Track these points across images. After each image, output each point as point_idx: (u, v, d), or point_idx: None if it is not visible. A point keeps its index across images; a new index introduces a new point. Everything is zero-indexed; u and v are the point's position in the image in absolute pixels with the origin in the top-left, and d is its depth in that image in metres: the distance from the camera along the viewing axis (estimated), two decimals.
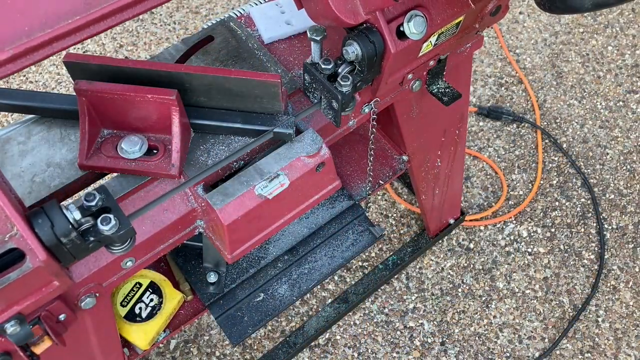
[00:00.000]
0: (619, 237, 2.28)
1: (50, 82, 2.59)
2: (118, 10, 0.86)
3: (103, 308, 1.24)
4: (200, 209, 1.20)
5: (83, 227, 0.94)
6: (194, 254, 1.66)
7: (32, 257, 0.88)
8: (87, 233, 0.95)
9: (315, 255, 1.73)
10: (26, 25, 0.81)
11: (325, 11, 1.09)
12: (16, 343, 0.98)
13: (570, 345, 2.07)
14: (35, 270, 0.89)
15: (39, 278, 0.93)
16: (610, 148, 2.48)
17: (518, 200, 2.35)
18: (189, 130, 1.20)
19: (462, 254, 2.23)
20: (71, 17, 0.83)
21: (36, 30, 0.81)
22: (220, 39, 1.37)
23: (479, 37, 1.47)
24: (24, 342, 0.98)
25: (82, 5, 0.83)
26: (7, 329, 0.95)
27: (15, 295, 0.93)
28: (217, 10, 2.82)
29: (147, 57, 2.67)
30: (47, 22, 0.82)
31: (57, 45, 0.84)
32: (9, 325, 0.95)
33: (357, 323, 2.09)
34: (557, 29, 2.81)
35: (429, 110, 1.58)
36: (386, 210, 2.31)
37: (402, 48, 1.17)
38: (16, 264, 0.88)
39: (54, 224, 0.89)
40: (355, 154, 1.88)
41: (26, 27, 0.81)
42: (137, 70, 1.13)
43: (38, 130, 1.22)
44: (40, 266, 0.89)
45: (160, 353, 2.00)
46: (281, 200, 1.20)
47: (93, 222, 0.95)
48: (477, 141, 2.48)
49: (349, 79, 1.18)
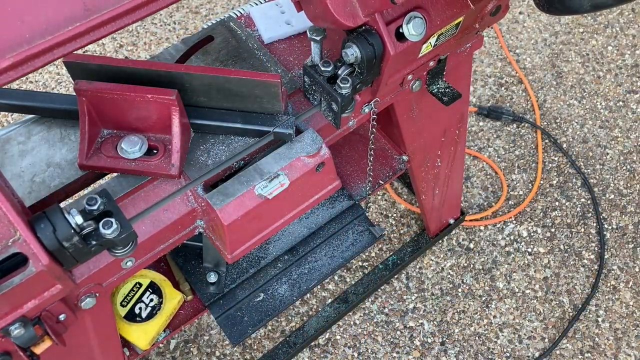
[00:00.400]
0: (619, 237, 2.28)
1: (50, 82, 2.59)
2: (118, 16, 0.86)
3: (103, 308, 1.24)
4: (200, 209, 1.20)
5: (85, 231, 0.95)
6: (194, 254, 1.66)
7: (35, 261, 0.89)
8: (89, 237, 0.96)
9: (315, 255, 1.73)
10: (27, 32, 0.81)
11: (324, 14, 1.09)
12: (21, 345, 0.99)
13: (570, 345, 2.07)
14: (38, 274, 0.90)
15: (42, 282, 0.94)
16: (610, 148, 2.48)
17: (518, 200, 2.35)
18: (189, 130, 1.20)
19: (462, 254, 2.23)
20: (71, 24, 0.83)
21: (37, 38, 0.82)
22: (220, 39, 1.37)
23: (479, 37, 1.47)
24: (28, 344, 0.99)
25: (82, 12, 0.84)
26: (12, 331, 0.96)
27: (19, 298, 0.94)
28: (217, 10, 2.83)
29: (147, 57, 2.67)
30: (48, 29, 0.82)
31: (58, 52, 0.84)
32: (13, 327, 0.96)
33: (357, 323, 2.09)
34: (557, 29, 2.81)
35: (429, 110, 1.58)
36: (386, 210, 2.31)
37: (402, 50, 1.17)
38: (19, 268, 0.89)
39: (56, 228, 0.90)
40: (355, 154, 1.88)
41: (27, 34, 0.81)
42: (137, 70, 1.13)
43: (38, 130, 1.22)
44: (43, 270, 0.90)
45: (160, 353, 2.01)
46: (281, 200, 1.20)
47: (95, 226, 0.96)
48: (477, 141, 2.48)
49: (348, 81, 1.17)
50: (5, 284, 0.88)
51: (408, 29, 1.15)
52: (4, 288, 0.88)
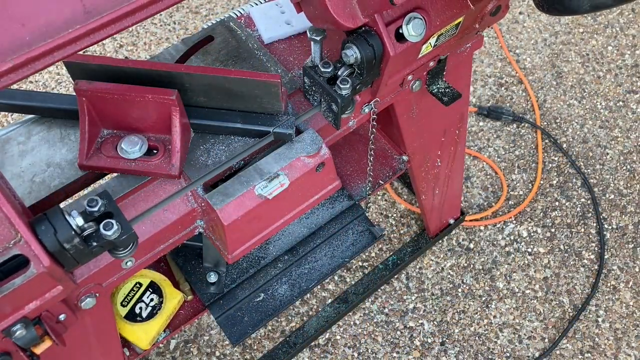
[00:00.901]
0: (619, 237, 2.28)
1: (50, 82, 2.59)
2: (117, 19, 0.86)
3: (103, 308, 1.24)
4: (200, 209, 1.20)
5: (86, 233, 0.96)
6: (194, 254, 1.66)
7: (36, 263, 0.90)
8: (90, 238, 0.96)
9: (315, 255, 1.73)
10: (27, 35, 0.81)
11: (324, 15, 1.09)
12: (23, 346, 0.99)
13: (570, 345, 2.07)
14: (39, 275, 0.91)
15: (43, 283, 0.94)
16: (610, 148, 2.48)
17: (518, 200, 2.35)
18: (189, 130, 1.20)
19: (462, 254, 2.23)
20: (71, 27, 0.84)
21: (37, 40, 0.82)
22: (220, 39, 1.37)
23: (479, 37, 1.47)
24: (30, 345, 1.00)
25: (81, 15, 0.84)
26: (14, 332, 0.97)
27: (21, 299, 0.95)
28: (217, 10, 2.83)
29: (147, 57, 2.67)
30: (48, 32, 0.82)
31: (58, 55, 0.85)
32: (15, 328, 0.97)
33: (357, 323, 2.09)
34: (557, 29, 2.81)
35: (429, 110, 1.58)
36: (386, 210, 2.31)
37: (401, 50, 1.17)
38: (21, 270, 0.90)
39: (57, 230, 0.91)
40: (355, 154, 1.88)
41: (27, 37, 0.81)
42: (137, 70, 1.13)
43: (38, 130, 1.22)
44: (44, 272, 0.91)
45: (160, 353, 2.01)
46: (281, 200, 1.20)
47: (96, 227, 0.96)
48: (477, 141, 2.48)
49: (348, 82, 1.17)
50: (6, 285, 0.89)
51: (408, 30, 1.15)
52: (5, 289, 0.89)
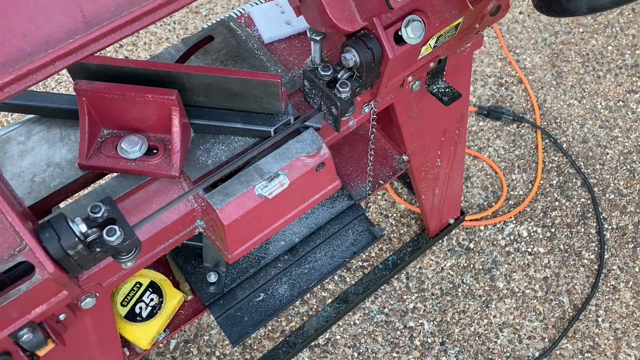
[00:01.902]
0: (619, 237, 2.28)
1: (50, 82, 2.59)
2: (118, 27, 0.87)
3: (103, 308, 1.24)
4: (200, 208, 1.20)
5: (89, 239, 0.97)
6: (194, 254, 1.66)
7: (41, 269, 0.91)
8: (94, 244, 0.98)
9: (315, 255, 1.73)
10: (28, 46, 0.82)
11: (323, 19, 1.09)
12: (30, 350, 1.01)
13: (570, 345, 2.07)
14: (44, 282, 0.92)
15: (48, 289, 0.96)
16: (610, 148, 2.48)
17: (518, 200, 2.35)
18: (189, 130, 1.20)
19: (462, 253, 2.23)
20: (72, 37, 0.84)
21: (38, 51, 0.83)
22: (220, 39, 1.37)
23: (479, 37, 1.47)
24: (37, 348, 1.01)
25: (82, 25, 0.84)
26: (21, 336, 0.98)
27: (27, 305, 0.96)
28: (217, 10, 2.83)
29: (147, 57, 2.67)
30: (49, 43, 0.83)
31: (60, 64, 0.85)
32: (22, 333, 0.98)
33: (357, 323, 2.10)
34: (557, 29, 2.81)
35: (429, 110, 1.58)
36: (386, 210, 2.31)
37: (400, 53, 1.17)
38: (26, 277, 0.92)
39: (60, 237, 0.93)
40: (355, 154, 1.88)
41: (29, 48, 0.82)
42: (137, 70, 1.14)
43: (38, 130, 1.22)
44: (48, 278, 0.92)
45: (160, 353, 2.01)
46: (281, 200, 1.20)
47: (99, 233, 0.98)
48: (477, 141, 2.48)
49: (347, 85, 1.17)
50: (12, 291, 0.91)
51: (407, 32, 1.15)
52: (11, 295, 0.91)
